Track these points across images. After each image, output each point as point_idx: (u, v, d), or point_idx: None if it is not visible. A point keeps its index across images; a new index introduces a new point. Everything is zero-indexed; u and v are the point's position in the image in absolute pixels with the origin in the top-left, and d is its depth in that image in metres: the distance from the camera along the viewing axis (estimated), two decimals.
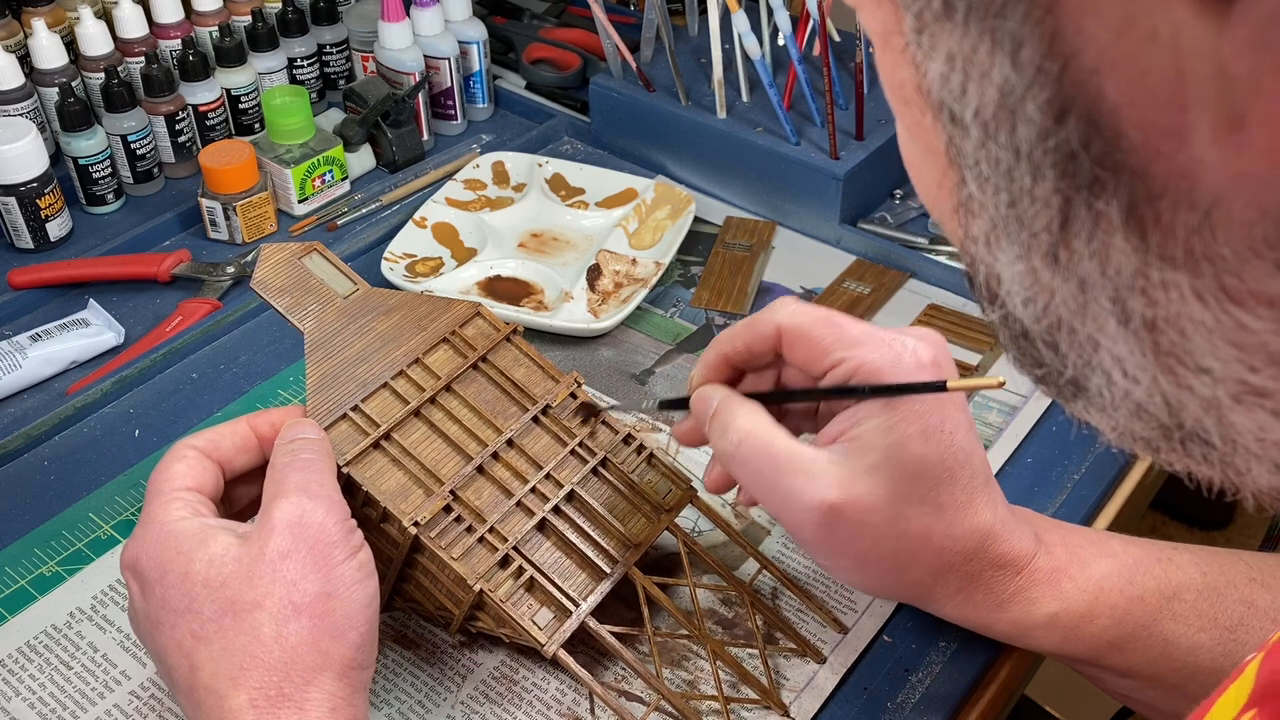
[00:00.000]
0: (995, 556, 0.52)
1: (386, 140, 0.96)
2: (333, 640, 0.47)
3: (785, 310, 0.53)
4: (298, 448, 0.52)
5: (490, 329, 0.62)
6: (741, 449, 0.52)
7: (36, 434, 0.72)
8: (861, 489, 0.49)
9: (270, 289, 0.60)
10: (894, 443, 0.49)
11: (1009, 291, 0.26)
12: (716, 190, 0.94)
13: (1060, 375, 0.27)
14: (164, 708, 0.57)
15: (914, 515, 0.49)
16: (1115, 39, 0.21)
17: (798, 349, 0.53)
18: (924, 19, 0.24)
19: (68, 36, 0.91)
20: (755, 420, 0.52)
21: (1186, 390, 0.24)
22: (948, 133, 0.25)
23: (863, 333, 0.51)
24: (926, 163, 0.28)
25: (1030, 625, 0.53)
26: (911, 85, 0.26)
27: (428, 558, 0.55)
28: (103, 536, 0.66)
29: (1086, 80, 0.21)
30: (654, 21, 0.96)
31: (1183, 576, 0.53)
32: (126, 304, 0.83)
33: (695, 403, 0.55)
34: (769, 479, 0.51)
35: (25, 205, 0.85)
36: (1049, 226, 0.24)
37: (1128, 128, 0.21)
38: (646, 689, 0.57)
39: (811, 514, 0.49)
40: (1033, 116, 0.22)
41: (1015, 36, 0.22)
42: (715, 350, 0.56)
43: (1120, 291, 0.23)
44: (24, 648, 0.59)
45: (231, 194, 0.87)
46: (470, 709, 0.57)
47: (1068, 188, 0.23)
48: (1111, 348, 0.24)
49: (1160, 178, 0.21)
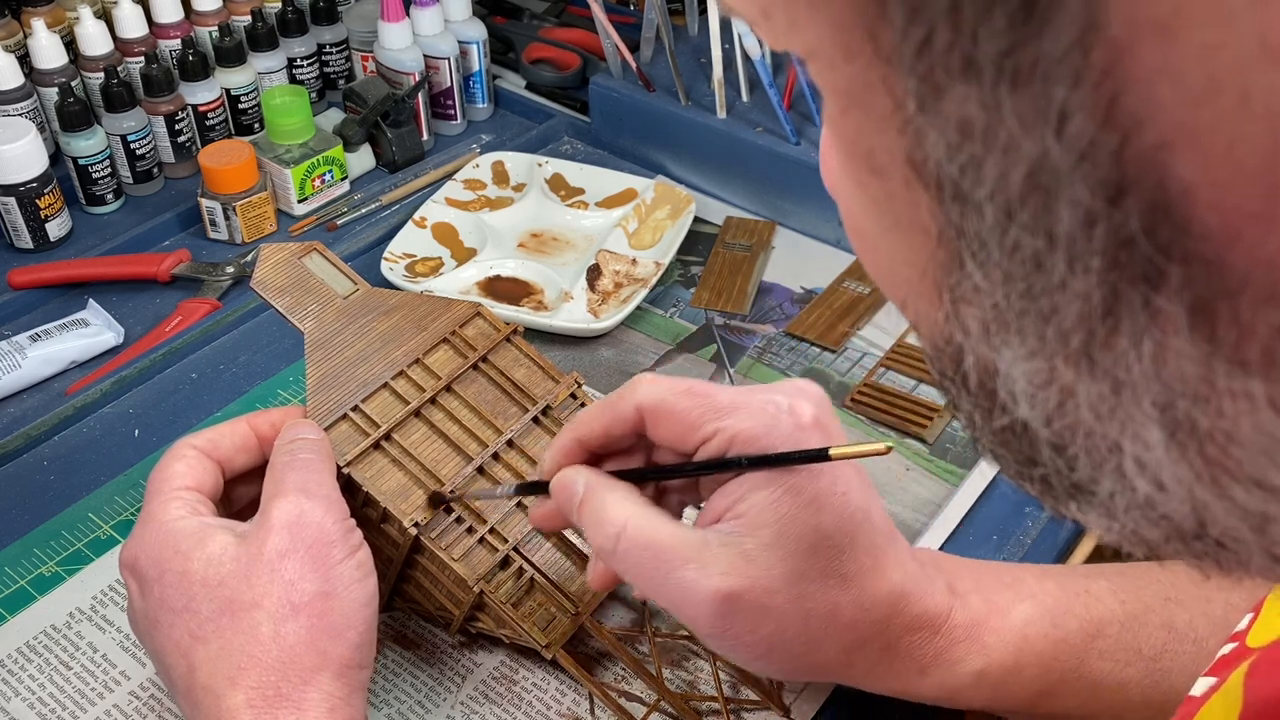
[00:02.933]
0: (910, 620, 0.48)
1: (386, 140, 0.96)
2: (331, 640, 0.47)
3: (642, 388, 0.48)
4: (297, 448, 0.52)
5: (490, 329, 0.62)
6: (621, 544, 0.46)
7: (36, 434, 0.72)
8: (757, 571, 0.44)
9: (270, 289, 0.60)
10: (785, 516, 0.44)
11: (1010, 390, 0.23)
12: (716, 190, 0.94)
13: (1062, 478, 0.24)
14: (164, 708, 0.57)
15: (818, 591, 0.45)
16: (1194, 108, 0.17)
17: (663, 427, 0.48)
18: (933, 80, 0.19)
19: (67, 36, 0.91)
20: (630, 509, 0.46)
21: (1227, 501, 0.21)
22: (947, 212, 0.21)
23: (731, 400, 0.47)
24: (898, 240, 0.24)
25: (956, 687, 0.49)
26: (893, 154, 0.22)
27: (428, 558, 0.55)
28: (102, 536, 0.66)
29: (1153, 157, 0.18)
30: (654, 21, 0.96)
31: (1103, 610, 0.51)
32: (126, 304, 0.83)
33: (557, 489, 0.49)
34: (655, 574, 0.45)
35: (25, 205, 0.85)
36: (1084, 324, 0.20)
37: (1202, 211, 0.18)
38: (646, 689, 0.57)
39: (707, 606, 0.44)
40: (1079, 199, 0.19)
41: (1062, 104, 0.18)
42: (569, 435, 0.50)
43: (1175, 399, 0.20)
44: (24, 648, 0.59)
45: (231, 194, 0.87)
46: (470, 709, 0.57)
47: (1117, 280, 0.19)
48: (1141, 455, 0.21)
49: (1240, 269, 0.18)
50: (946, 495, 0.69)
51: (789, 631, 0.45)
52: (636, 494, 0.48)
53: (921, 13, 0.19)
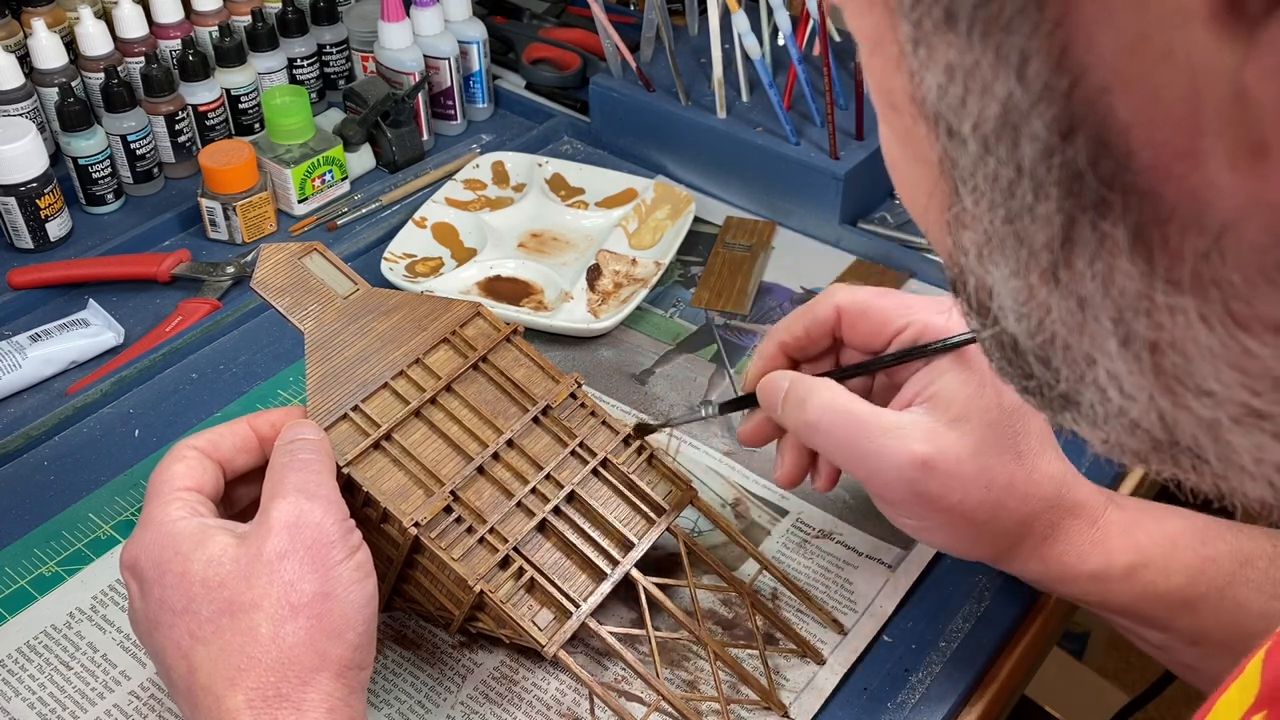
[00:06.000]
0: (1072, 505, 0.53)
1: (386, 140, 0.96)
2: (330, 640, 0.47)
3: (841, 292, 0.56)
4: (297, 448, 0.52)
5: (490, 329, 0.62)
6: (824, 418, 0.52)
7: (36, 434, 0.72)
8: (948, 441, 0.50)
9: (270, 289, 0.60)
10: (972, 394, 0.51)
11: (1001, 306, 0.26)
12: (716, 190, 0.94)
13: (1051, 389, 0.27)
14: (164, 708, 0.57)
15: (998, 464, 0.51)
16: (1128, 57, 0.20)
17: (859, 326, 0.55)
18: (923, 28, 0.23)
19: (67, 36, 0.91)
20: (833, 391, 0.53)
21: (1185, 410, 0.24)
22: (942, 145, 0.25)
23: (919, 300, 0.54)
24: (914, 170, 0.27)
25: (1109, 577, 0.53)
26: (903, 93, 0.25)
27: (428, 558, 0.55)
28: (102, 537, 0.66)
29: (1096, 99, 0.21)
30: (654, 21, 0.95)
31: (1252, 544, 0.53)
32: (126, 304, 0.83)
33: (764, 390, 0.56)
34: (855, 443, 0.52)
35: (25, 205, 0.85)
36: (1049, 245, 0.23)
37: (1138, 148, 0.21)
38: (646, 689, 0.57)
39: (904, 470, 0.50)
40: (1038, 133, 0.22)
41: (1022, 51, 0.21)
42: (771, 341, 0.57)
43: (1123, 313, 0.23)
44: (24, 648, 0.59)
45: (231, 194, 0.87)
46: (470, 709, 0.57)
47: (1072, 207, 0.22)
48: (1109, 365, 0.24)
49: (1170, 200, 0.21)
50: None
51: (972, 499, 0.51)
52: (836, 384, 0.54)
53: None
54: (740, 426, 0.59)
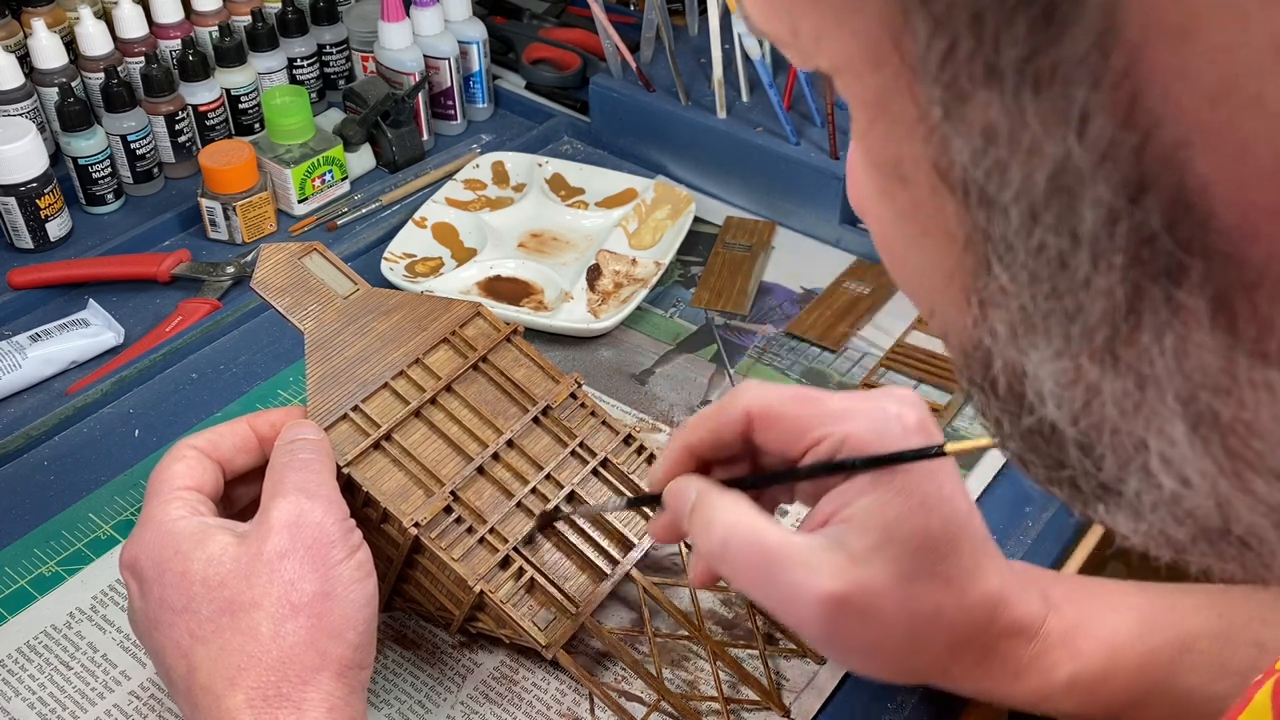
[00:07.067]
0: (1007, 625, 0.48)
1: (386, 140, 0.96)
2: (330, 640, 0.47)
3: (751, 393, 0.49)
4: (297, 448, 0.52)
5: (490, 329, 0.62)
6: (731, 547, 0.46)
7: (36, 434, 0.72)
8: (865, 574, 0.45)
9: (270, 289, 0.60)
10: (893, 519, 0.45)
11: (1039, 391, 0.23)
12: (716, 190, 0.94)
13: (1089, 478, 0.24)
14: (164, 708, 0.57)
15: (924, 593, 0.46)
16: (1211, 107, 0.18)
17: (773, 432, 0.49)
18: (959, 87, 0.20)
19: (67, 36, 0.91)
20: (739, 513, 0.47)
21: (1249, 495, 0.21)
22: (974, 217, 0.22)
23: (842, 405, 0.48)
24: (925, 248, 0.24)
25: (1049, 692, 0.50)
26: (920, 161, 0.22)
27: (428, 558, 0.55)
28: (103, 536, 0.66)
29: (1172, 154, 0.18)
30: (654, 21, 0.95)
31: (1193, 625, 0.51)
32: (126, 304, 0.83)
33: (670, 497, 0.50)
34: (764, 576, 0.46)
35: (25, 205, 0.85)
36: (1108, 319, 0.21)
37: (1221, 207, 0.18)
38: (646, 689, 0.57)
39: (816, 608, 0.45)
40: (1101, 198, 0.19)
41: (1083, 106, 0.19)
42: (678, 443, 0.51)
43: (1196, 391, 0.20)
44: (24, 648, 0.59)
45: (231, 194, 0.87)
46: (470, 709, 0.57)
47: (1139, 276, 0.20)
48: (1165, 450, 0.21)
49: (1258, 263, 0.19)
50: None
51: (895, 633, 0.46)
52: (745, 500, 0.48)
53: (945, 23, 0.19)
54: (650, 524, 0.53)
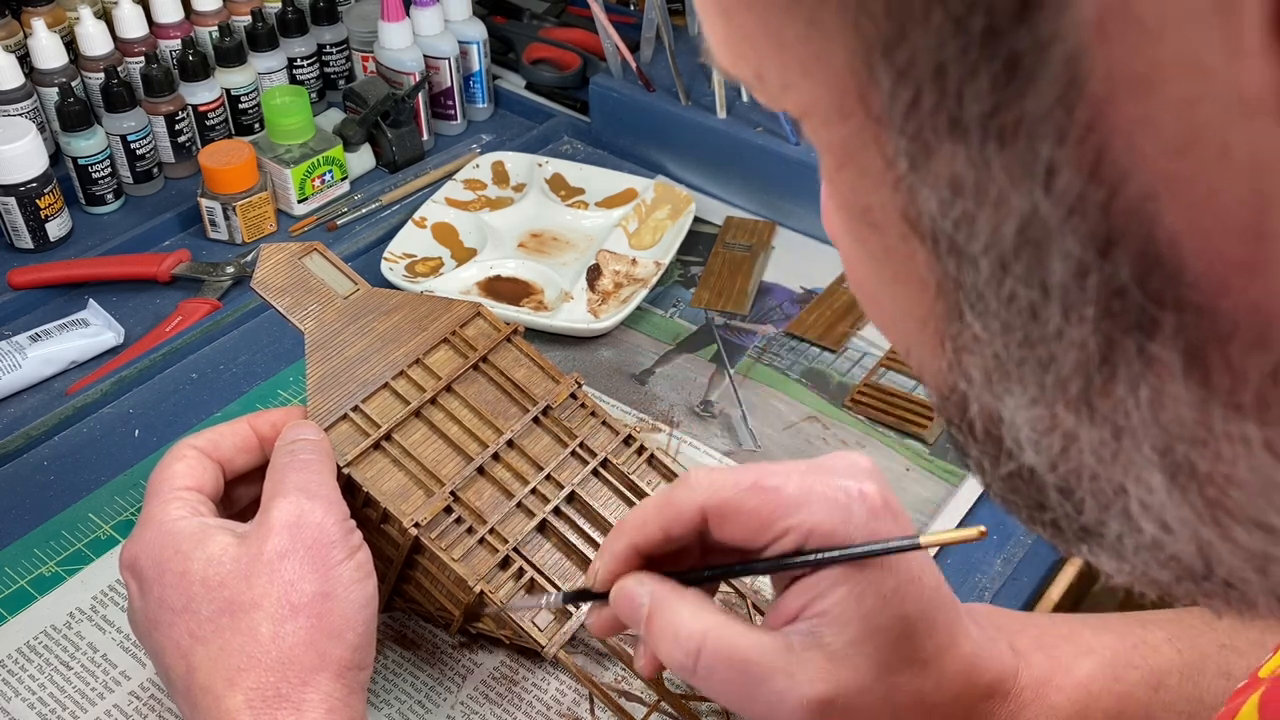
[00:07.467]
0: (983, 689, 0.47)
1: (386, 140, 0.96)
2: (330, 641, 0.47)
3: (703, 486, 0.45)
4: (297, 448, 0.52)
5: (490, 329, 0.62)
6: (703, 661, 0.44)
7: (36, 434, 0.72)
8: (846, 673, 0.43)
9: (270, 289, 0.60)
10: (869, 611, 0.43)
11: (1015, 437, 0.23)
12: (716, 190, 0.94)
13: (1071, 521, 0.24)
14: (164, 708, 0.57)
15: (904, 681, 0.44)
16: (1177, 159, 0.17)
17: (730, 526, 0.45)
18: (923, 139, 0.20)
19: (67, 36, 0.91)
20: (706, 621, 0.44)
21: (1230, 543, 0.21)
22: (944, 266, 0.22)
23: (799, 489, 0.44)
24: (898, 293, 0.24)
25: None
26: (888, 210, 0.22)
27: (428, 559, 0.55)
28: (102, 536, 0.66)
29: (1139, 207, 0.18)
30: (654, 21, 0.95)
31: (1162, 660, 0.50)
32: (126, 304, 0.83)
33: (618, 600, 0.46)
34: (742, 689, 0.44)
35: (25, 205, 0.85)
36: (1081, 370, 0.20)
37: (1190, 259, 0.18)
38: (646, 689, 0.57)
39: (799, 715, 0.43)
40: (1070, 250, 0.19)
41: (1049, 161, 0.18)
42: (624, 541, 0.47)
43: (1173, 443, 0.20)
44: (24, 648, 0.59)
45: (231, 194, 0.87)
46: (470, 709, 0.57)
47: (1111, 329, 0.19)
48: (1144, 497, 0.21)
49: (1229, 316, 0.18)
50: (946, 495, 0.69)
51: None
52: (707, 601, 0.45)
53: (908, 75, 0.19)
54: (588, 619, 0.50)
